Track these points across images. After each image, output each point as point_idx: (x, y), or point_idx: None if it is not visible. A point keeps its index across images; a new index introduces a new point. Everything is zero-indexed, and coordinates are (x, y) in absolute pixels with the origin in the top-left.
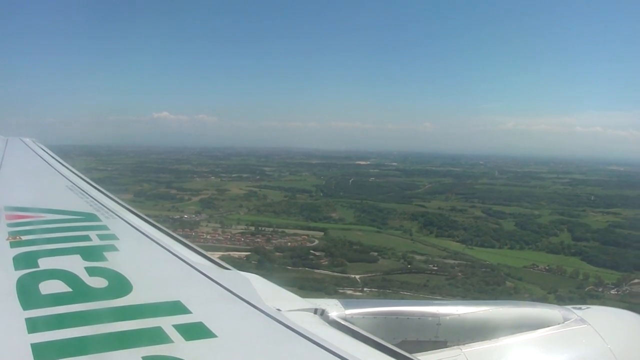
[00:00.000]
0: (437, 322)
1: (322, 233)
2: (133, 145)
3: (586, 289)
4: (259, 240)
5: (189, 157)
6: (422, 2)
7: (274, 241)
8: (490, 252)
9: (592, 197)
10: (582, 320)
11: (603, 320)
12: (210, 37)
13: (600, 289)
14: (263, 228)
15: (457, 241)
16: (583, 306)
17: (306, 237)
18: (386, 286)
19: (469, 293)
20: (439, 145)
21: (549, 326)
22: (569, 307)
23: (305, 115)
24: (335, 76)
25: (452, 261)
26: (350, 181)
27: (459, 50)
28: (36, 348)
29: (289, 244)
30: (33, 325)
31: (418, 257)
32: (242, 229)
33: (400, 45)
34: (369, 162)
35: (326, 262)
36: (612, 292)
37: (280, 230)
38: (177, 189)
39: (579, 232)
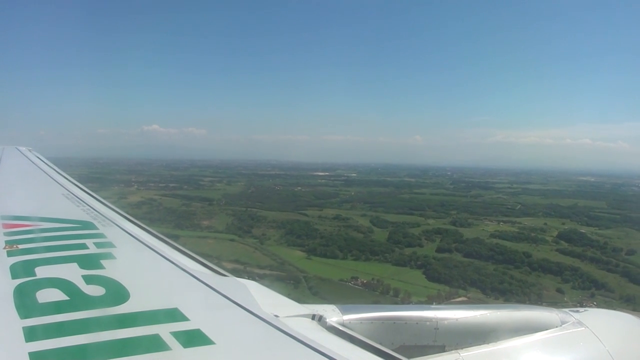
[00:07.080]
0: (435, 326)
1: None
2: (109, 157)
3: None
4: None
5: (149, 168)
6: (413, 18)
7: None
8: (327, 263)
9: (519, 206)
10: (580, 323)
11: (601, 323)
12: (201, 51)
13: None
14: None
15: (303, 251)
16: (581, 309)
17: None
18: None
19: None
20: (426, 157)
21: (546, 329)
22: (567, 309)
23: (296, 128)
24: (328, 90)
25: (266, 272)
26: (271, 191)
27: (450, 64)
28: (34, 357)
29: None
30: (30, 334)
31: (231, 267)
32: None
33: (393, 59)
34: (327, 174)
35: None
36: None
37: None
38: None
39: (446, 242)
